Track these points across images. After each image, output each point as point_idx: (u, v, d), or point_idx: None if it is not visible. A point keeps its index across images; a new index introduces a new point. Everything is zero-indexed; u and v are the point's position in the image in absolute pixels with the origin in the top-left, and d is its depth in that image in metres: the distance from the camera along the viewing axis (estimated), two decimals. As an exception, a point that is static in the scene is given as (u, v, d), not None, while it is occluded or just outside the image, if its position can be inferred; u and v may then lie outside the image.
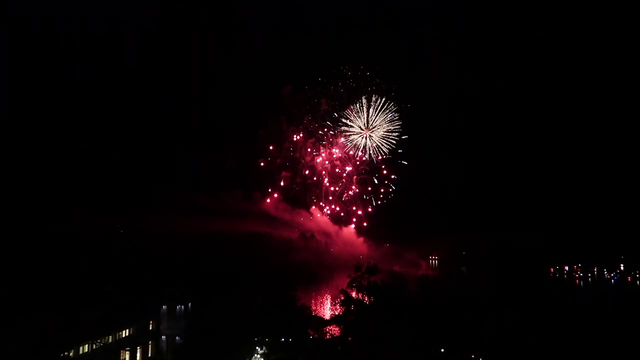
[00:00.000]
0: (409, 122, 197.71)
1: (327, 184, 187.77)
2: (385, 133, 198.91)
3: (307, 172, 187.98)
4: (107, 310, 69.40)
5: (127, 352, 69.85)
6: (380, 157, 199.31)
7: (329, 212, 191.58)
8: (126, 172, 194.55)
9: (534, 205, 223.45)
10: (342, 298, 67.65)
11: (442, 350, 62.87)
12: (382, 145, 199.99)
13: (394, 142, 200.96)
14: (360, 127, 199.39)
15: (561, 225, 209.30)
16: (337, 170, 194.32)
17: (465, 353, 63.90)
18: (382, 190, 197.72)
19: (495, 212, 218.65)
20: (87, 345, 62.02)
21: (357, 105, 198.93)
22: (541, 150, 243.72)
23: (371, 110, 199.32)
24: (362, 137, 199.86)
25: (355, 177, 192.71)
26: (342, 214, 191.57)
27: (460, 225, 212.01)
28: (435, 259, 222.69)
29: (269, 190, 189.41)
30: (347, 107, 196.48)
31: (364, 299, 66.15)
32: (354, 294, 67.10)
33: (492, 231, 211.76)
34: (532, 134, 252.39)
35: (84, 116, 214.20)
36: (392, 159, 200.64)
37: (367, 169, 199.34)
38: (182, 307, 79.72)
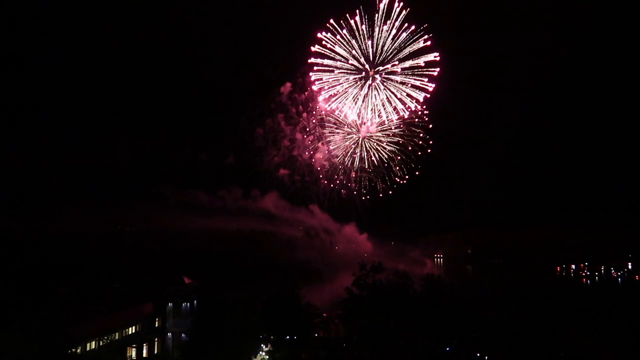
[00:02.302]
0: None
1: (325, 181, 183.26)
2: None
3: (304, 170, 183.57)
4: (113, 307, 70.00)
5: (134, 349, 70.42)
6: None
7: (328, 209, 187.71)
8: (130, 170, 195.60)
9: (540, 203, 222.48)
10: (347, 296, 67.62)
11: (447, 348, 62.77)
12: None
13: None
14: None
15: (568, 223, 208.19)
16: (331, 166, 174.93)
17: (470, 352, 63.78)
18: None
19: (500, 210, 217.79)
20: (94, 342, 62.56)
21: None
22: (546, 148, 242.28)
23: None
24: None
25: (353, 174, 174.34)
26: (342, 211, 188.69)
27: (466, 223, 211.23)
28: (440, 257, 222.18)
29: (268, 188, 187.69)
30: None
31: (369, 298, 66.04)
32: (358, 292, 67.04)
33: (498, 229, 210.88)
34: (538, 131, 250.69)
35: (85, 115, 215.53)
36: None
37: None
38: (188, 304, 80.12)
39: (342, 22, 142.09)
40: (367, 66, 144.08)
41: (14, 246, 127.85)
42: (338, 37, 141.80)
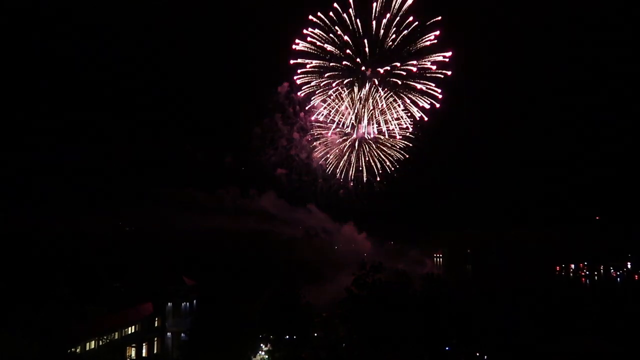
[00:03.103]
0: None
1: (321, 180, 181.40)
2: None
3: (302, 169, 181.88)
4: (113, 307, 70.09)
5: (133, 349, 70.53)
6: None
7: (326, 208, 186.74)
8: (130, 170, 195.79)
9: (540, 202, 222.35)
10: (347, 296, 67.61)
11: (447, 348, 62.79)
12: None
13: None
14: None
15: (568, 223, 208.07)
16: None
17: (470, 351, 63.81)
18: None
19: (500, 209, 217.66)
20: (94, 342, 62.65)
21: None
22: (547, 146, 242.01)
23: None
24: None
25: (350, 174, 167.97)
26: (340, 210, 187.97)
27: (466, 223, 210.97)
28: (440, 257, 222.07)
29: (266, 187, 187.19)
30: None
31: (369, 297, 66.02)
32: (358, 292, 67.01)
33: (498, 229, 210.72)
34: (539, 129, 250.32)
35: (85, 114, 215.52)
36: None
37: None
38: (188, 304, 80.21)
39: (331, 14, 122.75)
40: (363, 67, 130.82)
41: (14, 246, 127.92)
42: (329, 33, 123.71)
